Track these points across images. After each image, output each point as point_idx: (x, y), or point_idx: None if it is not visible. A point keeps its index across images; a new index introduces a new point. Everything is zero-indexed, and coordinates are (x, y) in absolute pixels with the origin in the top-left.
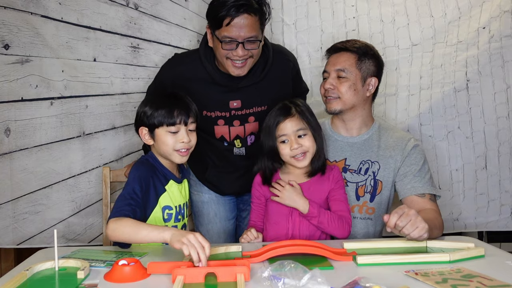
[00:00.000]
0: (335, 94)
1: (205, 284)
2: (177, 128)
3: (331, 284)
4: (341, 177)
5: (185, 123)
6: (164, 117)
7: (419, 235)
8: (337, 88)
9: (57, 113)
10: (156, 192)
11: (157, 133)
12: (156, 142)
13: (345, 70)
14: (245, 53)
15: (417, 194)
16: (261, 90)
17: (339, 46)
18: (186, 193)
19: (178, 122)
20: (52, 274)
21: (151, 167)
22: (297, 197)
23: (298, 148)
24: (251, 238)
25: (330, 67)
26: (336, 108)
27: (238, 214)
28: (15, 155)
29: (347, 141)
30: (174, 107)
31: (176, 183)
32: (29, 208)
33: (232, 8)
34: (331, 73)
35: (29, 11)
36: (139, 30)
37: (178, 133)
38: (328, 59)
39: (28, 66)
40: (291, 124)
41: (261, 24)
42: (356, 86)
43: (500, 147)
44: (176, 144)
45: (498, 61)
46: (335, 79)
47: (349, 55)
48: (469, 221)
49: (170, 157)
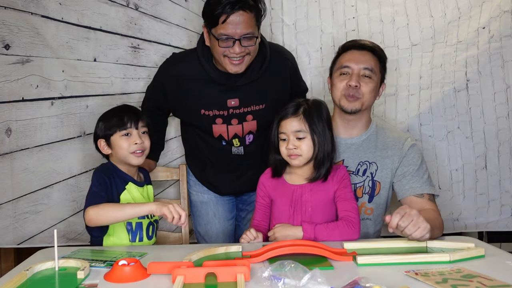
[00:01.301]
0: (358, 93)
1: (205, 284)
2: (129, 131)
3: (331, 284)
4: (346, 176)
5: (136, 127)
6: (116, 125)
7: (421, 235)
8: (361, 88)
9: (57, 113)
10: (117, 191)
11: (113, 140)
12: (113, 149)
13: (372, 69)
14: (242, 50)
15: (416, 194)
16: (259, 88)
17: (363, 43)
18: (150, 197)
19: (129, 126)
20: (52, 274)
21: (108, 171)
22: (287, 231)
23: (293, 149)
24: (250, 238)
25: (354, 64)
26: (357, 108)
27: (237, 214)
28: (16, 155)
29: (345, 143)
30: (124, 114)
31: (136, 185)
32: (30, 208)
33: (227, 6)
34: (354, 70)
35: (29, 11)
36: (139, 30)
37: (131, 136)
38: (347, 54)
39: (28, 66)
40: (291, 124)
41: (257, 21)
42: (376, 89)
43: (500, 147)
44: (130, 147)
45: (498, 61)
46: (360, 76)
47: (372, 56)
48: (469, 221)
49: (127, 160)
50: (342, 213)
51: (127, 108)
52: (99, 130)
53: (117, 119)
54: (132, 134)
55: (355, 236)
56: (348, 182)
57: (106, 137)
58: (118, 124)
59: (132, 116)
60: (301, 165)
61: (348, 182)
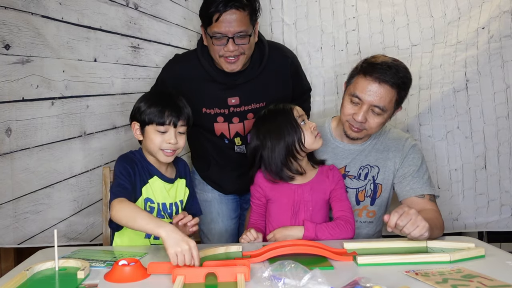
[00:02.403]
0: (363, 127)
1: (205, 284)
2: (166, 128)
3: (332, 284)
4: (341, 177)
5: (175, 125)
6: (155, 116)
7: (420, 234)
8: (368, 122)
9: (58, 113)
10: (141, 182)
11: (147, 130)
12: (145, 139)
13: (383, 108)
14: (235, 48)
15: (417, 195)
16: (259, 86)
17: (382, 78)
18: (177, 195)
19: (168, 123)
20: (52, 274)
21: (133, 161)
22: (287, 231)
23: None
24: (250, 238)
25: (366, 97)
26: (359, 137)
27: (241, 213)
28: (16, 155)
29: (348, 148)
30: (166, 107)
31: (163, 181)
32: (30, 208)
33: (220, 4)
34: (364, 104)
35: (29, 11)
36: (139, 30)
37: (166, 133)
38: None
39: (29, 66)
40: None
41: (251, 19)
42: (386, 120)
43: (499, 147)
44: (162, 144)
45: (497, 61)
46: (368, 111)
47: (390, 91)
48: (469, 221)
49: (156, 155)
50: (339, 213)
51: (172, 101)
52: (137, 111)
53: (157, 111)
54: (169, 131)
55: (350, 235)
56: (343, 183)
57: (141, 124)
58: (157, 117)
59: (173, 113)
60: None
61: (342, 183)
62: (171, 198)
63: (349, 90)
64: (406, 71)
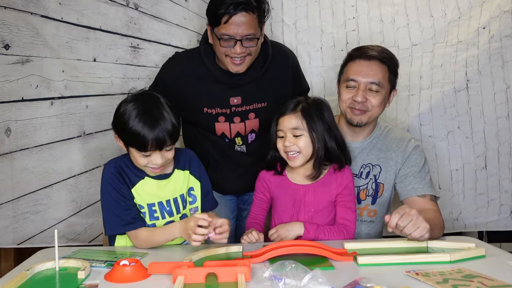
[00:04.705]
0: (365, 107)
1: (206, 285)
2: (150, 153)
3: (332, 284)
4: (350, 181)
5: (160, 149)
6: (137, 143)
7: (420, 235)
8: (369, 101)
9: (57, 113)
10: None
11: (130, 149)
12: (129, 153)
13: (379, 83)
14: (243, 51)
15: (418, 195)
16: (261, 86)
17: (370, 54)
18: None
19: (151, 149)
20: (52, 274)
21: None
22: (290, 227)
23: (290, 146)
24: (252, 240)
25: (360, 77)
26: (363, 121)
27: (238, 214)
28: (15, 155)
29: (350, 147)
30: (149, 134)
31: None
32: (30, 208)
33: (230, 6)
34: (361, 84)
35: (29, 11)
36: (139, 30)
37: (151, 156)
38: (354, 64)
39: (28, 66)
40: (288, 121)
41: (260, 22)
42: (385, 100)
43: (500, 147)
44: (148, 164)
45: (498, 61)
46: (366, 90)
47: (381, 66)
48: (469, 221)
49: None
50: (342, 220)
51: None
52: (117, 123)
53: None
54: (153, 154)
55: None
56: (352, 189)
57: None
58: (138, 144)
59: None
60: (300, 164)
61: (352, 189)
62: (170, 194)
63: (343, 78)
64: (391, 53)
